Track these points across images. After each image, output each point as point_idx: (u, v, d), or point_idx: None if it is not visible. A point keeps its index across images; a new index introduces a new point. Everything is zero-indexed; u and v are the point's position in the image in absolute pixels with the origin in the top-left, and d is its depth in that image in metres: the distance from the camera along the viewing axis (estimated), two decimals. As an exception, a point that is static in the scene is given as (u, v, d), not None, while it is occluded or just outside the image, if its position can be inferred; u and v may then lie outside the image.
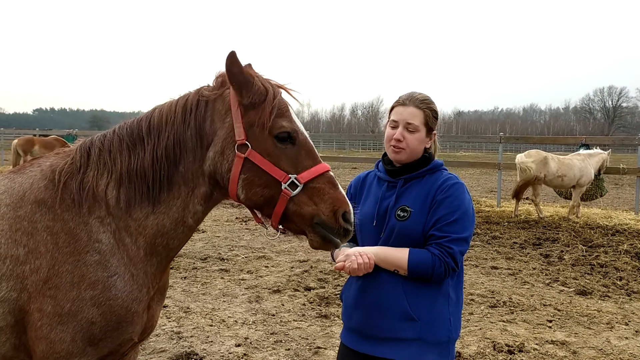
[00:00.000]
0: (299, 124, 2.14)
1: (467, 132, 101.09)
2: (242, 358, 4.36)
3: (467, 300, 5.85)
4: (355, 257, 2.29)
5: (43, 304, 1.94)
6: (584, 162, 11.57)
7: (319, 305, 5.61)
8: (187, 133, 2.11)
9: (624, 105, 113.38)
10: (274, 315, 5.33)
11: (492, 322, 5.26)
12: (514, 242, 9.02)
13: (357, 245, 2.52)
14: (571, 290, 6.41)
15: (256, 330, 4.93)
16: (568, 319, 5.40)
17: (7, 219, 2.01)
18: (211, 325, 5.04)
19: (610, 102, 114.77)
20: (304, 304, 5.66)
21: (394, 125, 2.45)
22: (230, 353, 4.43)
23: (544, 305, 5.81)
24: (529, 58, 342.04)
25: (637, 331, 5.11)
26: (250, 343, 4.64)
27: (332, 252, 2.50)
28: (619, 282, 6.72)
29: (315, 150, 2.16)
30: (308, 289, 6.19)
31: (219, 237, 9.14)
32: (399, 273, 2.34)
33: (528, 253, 8.28)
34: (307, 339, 4.76)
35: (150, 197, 2.08)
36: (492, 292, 6.21)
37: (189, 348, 4.49)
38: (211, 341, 4.67)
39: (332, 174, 2.12)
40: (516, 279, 6.85)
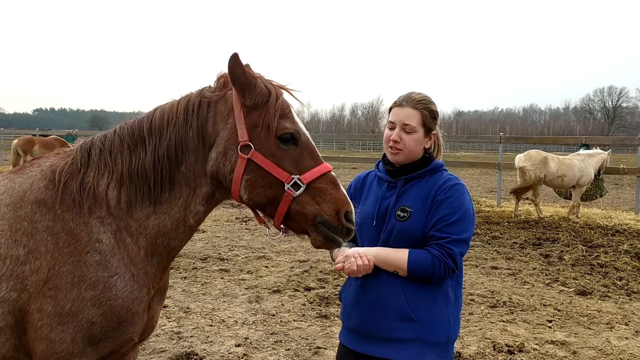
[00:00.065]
0: (300, 124, 2.15)
1: (467, 132, 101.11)
2: (242, 358, 4.36)
3: (467, 301, 5.85)
4: (355, 258, 2.29)
5: (43, 304, 1.93)
6: (584, 162, 11.58)
7: (319, 305, 5.61)
8: (189, 134, 2.11)
9: (624, 105, 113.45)
10: (274, 315, 5.33)
11: (492, 322, 5.26)
12: (514, 242, 9.02)
13: (357, 245, 2.52)
14: (571, 290, 6.41)
15: (256, 331, 4.93)
16: (568, 319, 5.40)
17: (7, 219, 2.00)
18: (211, 325, 5.04)
19: (610, 102, 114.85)
20: (304, 304, 5.66)
21: (392, 126, 2.45)
22: (230, 353, 4.43)
23: (544, 305, 5.81)
24: (529, 58, 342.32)
25: (637, 331, 5.12)
26: (250, 343, 4.64)
27: (331, 251, 2.50)
28: (619, 282, 6.72)
29: (317, 150, 2.16)
30: (308, 289, 6.19)
31: (219, 237, 9.14)
32: (399, 274, 2.33)
33: (528, 253, 8.28)
34: (307, 339, 4.76)
35: (152, 197, 2.09)
36: (492, 292, 6.21)
37: (189, 348, 4.49)
38: (211, 341, 4.67)
39: (333, 174, 2.13)
40: (516, 279, 6.85)
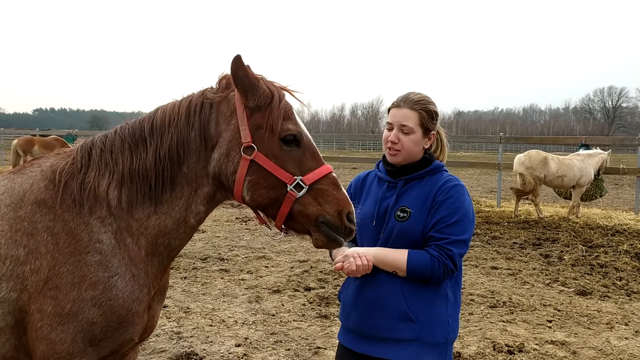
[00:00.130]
0: (302, 126, 2.16)
1: (467, 132, 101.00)
2: (242, 358, 4.36)
3: (467, 301, 5.85)
4: (354, 258, 2.29)
5: (43, 305, 1.94)
6: (584, 162, 11.58)
7: (319, 306, 5.61)
8: (191, 134, 2.11)
9: (624, 105, 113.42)
10: (274, 315, 5.33)
11: (492, 322, 5.26)
12: (514, 243, 9.02)
13: (357, 245, 2.52)
14: (571, 290, 6.41)
15: (256, 331, 4.93)
16: (568, 319, 5.40)
17: (7, 219, 2.00)
18: (211, 326, 5.04)
19: (610, 103, 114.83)
20: (304, 304, 5.66)
21: (390, 127, 2.46)
22: (230, 353, 4.43)
23: (544, 305, 5.81)
24: (529, 58, 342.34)
25: (636, 331, 5.12)
26: (250, 343, 4.64)
27: (330, 251, 2.50)
28: (618, 283, 6.72)
29: (318, 151, 2.18)
30: (308, 289, 6.19)
31: (219, 237, 9.14)
32: (398, 274, 2.33)
33: (528, 253, 8.28)
34: (307, 339, 4.77)
35: (153, 197, 2.09)
36: (492, 292, 6.21)
37: (189, 348, 4.49)
38: (211, 341, 4.67)
39: (334, 175, 2.15)
40: (516, 279, 6.85)
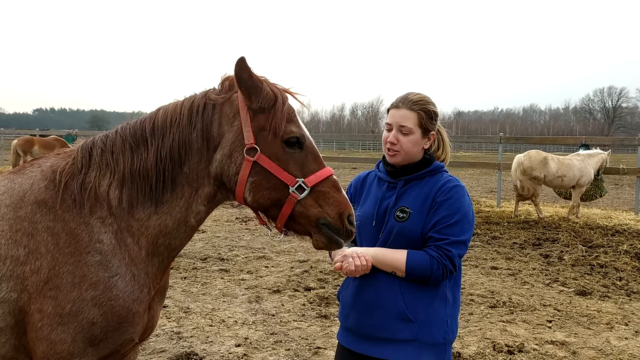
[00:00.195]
0: (305, 128, 2.18)
1: (467, 132, 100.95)
2: (242, 358, 4.36)
3: (467, 301, 5.85)
4: (353, 258, 2.29)
5: (44, 305, 1.94)
6: (584, 162, 11.58)
7: (318, 306, 5.62)
8: (193, 134, 2.12)
9: (624, 105, 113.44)
10: (274, 315, 5.33)
11: (492, 323, 5.26)
12: (514, 243, 9.03)
13: (356, 245, 2.52)
14: (571, 290, 6.41)
15: (256, 331, 4.93)
16: (568, 319, 5.40)
17: (7, 219, 2.00)
18: (211, 326, 5.04)
19: (610, 103, 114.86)
20: (303, 304, 5.66)
21: (389, 128, 2.46)
22: (230, 353, 4.44)
23: (544, 305, 5.82)
24: (529, 58, 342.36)
25: (636, 331, 5.12)
26: (250, 343, 4.65)
27: (330, 251, 2.50)
28: (618, 283, 6.72)
29: (320, 154, 2.19)
30: (308, 289, 6.19)
31: (219, 237, 9.14)
32: (397, 275, 2.33)
33: (528, 253, 8.28)
34: (307, 339, 4.77)
35: (153, 197, 2.09)
36: (492, 292, 6.21)
37: (189, 348, 4.49)
38: (211, 341, 4.68)
39: (335, 177, 2.17)
40: (516, 279, 6.85)
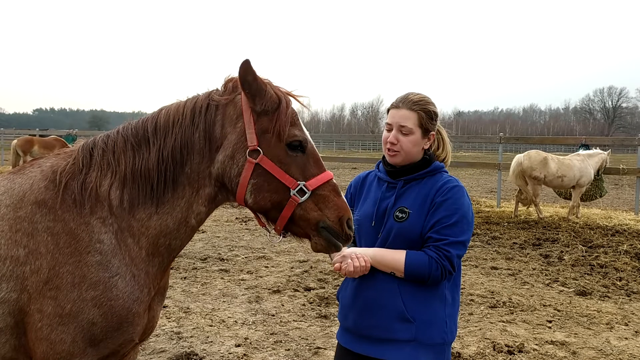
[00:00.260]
0: (307, 132, 2.19)
1: (467, 133, 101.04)
2: (242, 358, 4.36)
3: (467, 301, 5.86)
4: (352, 259, 2.30)
5: (43, 305, 1.94)
6: (584, 162, 11.58)
7: (318, 306, 5.62)
8: (195, 135, 2.12)
9: (624, 105, 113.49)
10: (273, 315, 5.33)
11: (492, 323, 5.26)
12: (514, 243, 9.03)
13: (355, 244, 2.52)
14: (571, 290, 6.41)
15: (256, 331, 4.93)
16: (568, 320, 5.40)
17: (7, 219, 2.00)
18: (211, 326, 5.04)
19: (610, 103, 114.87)
20: (303, 304, 5.66)
21: (389, 128, 2.46)
22: (230, 353, 4.44)
23: (544, 305, 5.82)
24: (529, 58, 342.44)
25: (636, 331, 5.12)
26: (250, 343, 4.65)
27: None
28: (618, 283, 6.72)
29: (321, 158, 2.21)
30: (308, 289, 6.19)
31: (219, 237, 9.14)
32: (396, 275, 2.34)
33: (528, 253, 8.28)
34: (307, 339, 4.77)
35: (155, 197, 2.09)
36: (492, 292, 6.21)
37: (188, 348, 4.49)
38: (211, 341, 4.68)
39: (335, 181, 2.19)
40: (516, 279, 6.85)
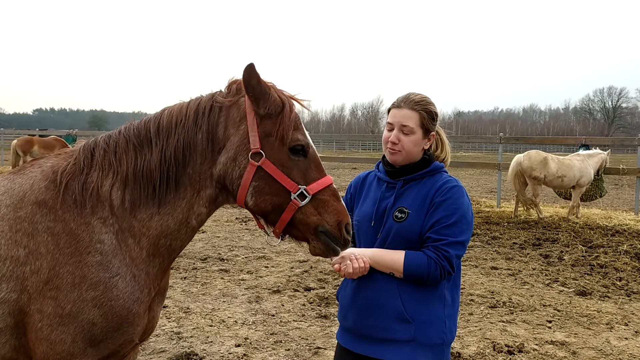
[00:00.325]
0: (309, 137, 2.20)
1: (467, 133, 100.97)
2: (242, 358, 4.36)
3: (467, 301, 5.86)
4: (351, 260, 2.30)
5: (44, 305, 1.94)
6: (584, 162, 11.58)
7: (318, 306, 5.62)
8: (198, 136, 2.12)
9: (624, 105, 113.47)
10: (273, 315, 5.33)
11: (491, 323, 5.26)
12: (514, 243, 9.03)
13: (355, 245, 2.52)
14: (571, 290, 6.41)
15: (256, 331, 4.93)
16: (568, 320, 5.40)
17: (7, 220, 2.00)
18: (211, 326, 5.04)
19: (610, 103, 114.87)
20: (303, 304, 5.66)
21: (390, 127, 2.46)
22: (230, 353, 4.44)
23: (544, 305, 5.82)
24: (529, 58, 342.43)
25: (636, 332, 5.12)
26: (250, 343, 4.65)
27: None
28: (618, 283, 6.72)
29: (321, 163, 2.22)
30: (308, 289, 6.19)
31: (219, 237, 9.14)
32: (395, 276, 2.34)
33: (528, 253, 8.28)
34: (307, 339, 4.77)
35: (156, 198, 2.10)
36: (492, 292, 6.21)
37: (188, 348, 4.49)
38: (211, 341, 4.68)
39: (335, 186, 2.20)
40: (516, 279, 6.86)
